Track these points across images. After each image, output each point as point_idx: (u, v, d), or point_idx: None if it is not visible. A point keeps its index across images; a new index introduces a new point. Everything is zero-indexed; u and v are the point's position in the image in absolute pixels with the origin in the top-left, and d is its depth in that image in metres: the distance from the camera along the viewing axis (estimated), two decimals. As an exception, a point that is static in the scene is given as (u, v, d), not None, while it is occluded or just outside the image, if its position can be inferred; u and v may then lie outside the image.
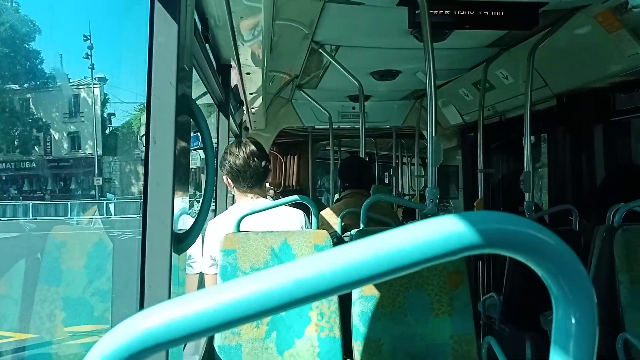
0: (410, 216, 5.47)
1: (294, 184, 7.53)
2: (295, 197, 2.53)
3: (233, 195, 3.41)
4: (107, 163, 40.95)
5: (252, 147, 2.47)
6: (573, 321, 0.39)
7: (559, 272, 0.38)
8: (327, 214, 3.35)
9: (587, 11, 2.68)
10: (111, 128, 42.84)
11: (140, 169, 38.16)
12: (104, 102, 42.45)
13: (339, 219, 3.14)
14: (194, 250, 2.29)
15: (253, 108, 3.88)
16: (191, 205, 1.68)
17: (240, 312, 0.37)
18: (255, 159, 2.45)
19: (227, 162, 2.47)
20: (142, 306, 1.10)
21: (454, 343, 2.29)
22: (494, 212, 0.41)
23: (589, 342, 0.39)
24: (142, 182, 1.02)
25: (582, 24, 2.78)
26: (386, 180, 9.42)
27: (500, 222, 0.39)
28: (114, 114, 43.92)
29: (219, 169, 2.64)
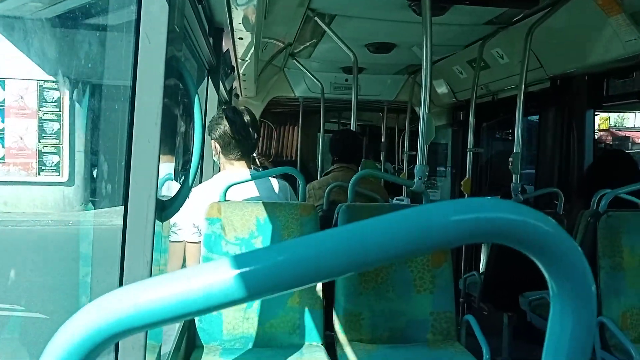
0: (397, 192, 5.46)
1: (292, 154, 7.43)
2: (282, 168, 2.50)
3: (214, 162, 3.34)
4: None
5: (248, 117, 2.42)
6: (570, 319, 0.37)
7: (562, 270, 0.36)
8: (315, 187, 3.32)
9: (588, -7, 2.64)
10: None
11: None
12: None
13: (325, 193, 3.12)
14: (178, 217, 2.25)
15: (244, 75, 3.80)
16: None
17: (222, 298, 0.35)
18: (250, 129, 2.40)
19: (220, 127, 2.40)
20: (122, 273, 1.08)
21: (434, 320, 2.31)
22: (492, 198, 0.39)
23: (584, 341, 0.38)
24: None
25: (582, 5, 2.74)
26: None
27: (501, 211, 0.37)
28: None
29: (207, 134, 2.58)
